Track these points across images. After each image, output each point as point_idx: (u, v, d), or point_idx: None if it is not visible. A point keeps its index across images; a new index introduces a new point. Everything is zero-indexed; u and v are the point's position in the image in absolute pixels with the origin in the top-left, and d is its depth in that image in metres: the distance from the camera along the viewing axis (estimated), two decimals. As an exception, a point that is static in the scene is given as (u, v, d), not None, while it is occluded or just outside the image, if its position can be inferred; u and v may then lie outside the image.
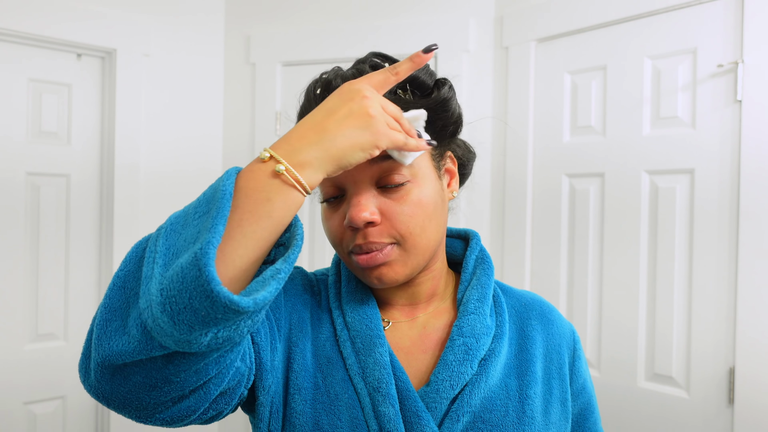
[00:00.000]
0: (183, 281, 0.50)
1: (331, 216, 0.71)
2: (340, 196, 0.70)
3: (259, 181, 0.56)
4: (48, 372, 1.93)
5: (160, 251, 0.54)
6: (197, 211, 0.56)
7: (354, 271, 0.72)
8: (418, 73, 0.72)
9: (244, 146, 2.20)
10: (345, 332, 0.73)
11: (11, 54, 1.85)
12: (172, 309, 0.50)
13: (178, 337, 0.51)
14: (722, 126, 1.49)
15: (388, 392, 0.68)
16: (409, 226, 0.68)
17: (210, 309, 0.50)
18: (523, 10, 1.87)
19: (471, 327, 0.73)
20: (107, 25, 1.96)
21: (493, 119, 1.95)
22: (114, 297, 0.56)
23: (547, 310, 0.83)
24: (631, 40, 1.66)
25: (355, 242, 0.68)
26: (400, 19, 2.02)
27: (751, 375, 1.42)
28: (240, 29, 2.21)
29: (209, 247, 0.50)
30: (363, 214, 0.66)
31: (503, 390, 0.73)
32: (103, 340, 0.54)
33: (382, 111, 0.60)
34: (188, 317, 0.50)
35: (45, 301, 1.93)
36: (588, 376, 0.85)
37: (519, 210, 1.89)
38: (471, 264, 0.80)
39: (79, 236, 1.99)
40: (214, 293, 0.49)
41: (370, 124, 0.59)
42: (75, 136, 1.98)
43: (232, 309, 0.50)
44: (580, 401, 0.82)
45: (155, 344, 0.52)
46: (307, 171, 0.57)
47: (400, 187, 0.69)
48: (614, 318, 1.68)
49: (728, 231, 1.48)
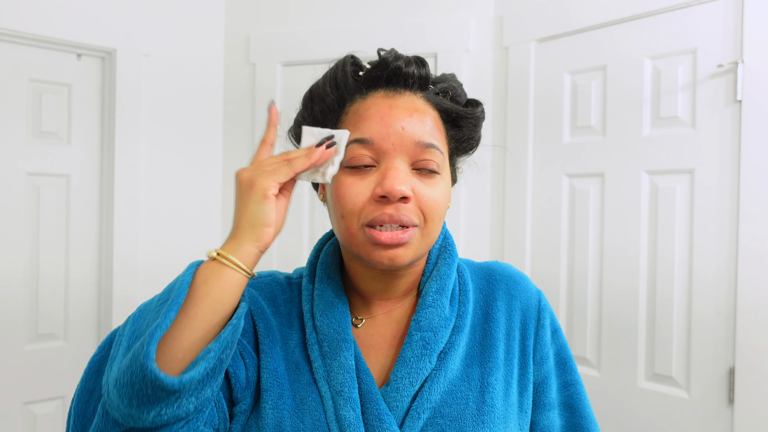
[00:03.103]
0: (132, 359, 0.56)
1: (355, 183, 0.69)
2: (370, 166, 0.69)
3: (201, 269, 0.63)
4: (48, 372, 1.93)
5: (126, 335, 0.61)
6: (160, 299, 0.62)
7: (356, 247, 0.70)
8: (459, 89, 0.78)
9: (245, 146, 2.20)
10: (313, 335, 0.74)
11: (11, 54, 1.85)
12: (120, 382, 0.56)
13: (123, 411, 0.57)
14: (722, 126, 1.49)
15: (349, 396, 0.68)
16: (433, 211, 0.70)
17: (141, 383, 0.55)
18: (523, 10, 1.87)
19: (429, 320, 0.73)
20: (107, 25, 1.96)
21: (493, 120, 1.95)
22: (89, 380, 0.63)
23: (513, 283, 0.82)
24: (631, 40, 1.66)
25: (385, 211, 0.67)
26: (400, 19, 2.02)
27: (751, 375, 1.42)
28: (240, 29, 2.21)
29: (157, 330, 0.57)
30: (402, 186, 0.66)
31: (464, 381, 0.73)
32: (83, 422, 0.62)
33: (252, 168, 0.65)
34: (128, 392, 0.56)
35: (45, 301, 1.93)
36: (561, 350, 0.82)
37: (519, 210, 1.89)
38: (434, 254, 0.80)
39: (79, 236, 1.99)
40: (145, 368, 0.55)
41: (250, 185, 0.64)
42: (75, 136, 1.98)
43: (159, 386, 0.55)
44: (543, 369, 0.80)
45: (110, 420, 0.58)
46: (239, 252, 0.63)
47: (433, 176, 0.70)
48: (614, 318, 1.68)
49: (728, 231, 1.48)
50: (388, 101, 0.71)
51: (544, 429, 0.79)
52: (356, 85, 0.73)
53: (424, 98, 0.74)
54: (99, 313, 2.03)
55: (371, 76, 0.73)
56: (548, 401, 0.80)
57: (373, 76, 0.73)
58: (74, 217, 1.98)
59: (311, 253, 0.82)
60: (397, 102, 0.71)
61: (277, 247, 2.13)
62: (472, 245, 1.96)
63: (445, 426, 0.69)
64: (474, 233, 1.97)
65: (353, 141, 0.69)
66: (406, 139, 0.68)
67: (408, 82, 0.73)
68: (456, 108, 0.75)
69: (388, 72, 0.72)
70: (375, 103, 0.71)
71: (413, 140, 0.69)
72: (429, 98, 0.74)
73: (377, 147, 0.69)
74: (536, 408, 0.79)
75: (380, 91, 0.72)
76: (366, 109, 0.71)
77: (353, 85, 0.73)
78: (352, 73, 0.74)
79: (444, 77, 0.77)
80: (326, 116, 0.75)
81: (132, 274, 2.03)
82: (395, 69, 0.72)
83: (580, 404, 0.81)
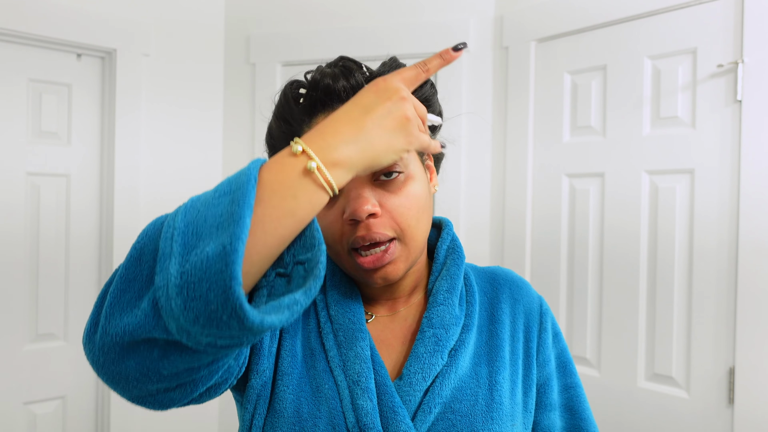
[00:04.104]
0: (206, 271, 0.48)
1: (326, 214, 0.70)
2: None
3: (287, 176, 0.53)
4: (48, 372, 1.93)
5: (178, 227, 0.52)
6: (218, 191, 0.53)
7: (351, 270, 0.72)
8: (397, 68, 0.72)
9: (245, 146, 2.20)
10: (328, 325, 0.74)
11: (11, 54, 1.85)
12: (188, 294, 0.49)
13: (182, 324, 0.49)
14: (722, 126, 1.49)
15: (367, 386, 0.69)
16: (407, 218, 0.69)
17: (221, 306, 0.48)
18: (523, 10, 1.87)
19: (440, 318, 0.74)
20: (107, 25, 1.96)
21: (493, 120, 1.95)
22: (130, 268, 0.54)
23: (516, 287, 0.84)
24: (631, 40, 1.66)
25: (357, 234, 0.68)
26: (400, 19, 2.02)
27: (751, 375, 1.42)
28: (240, 29, 2.21)
29: (238, 243, 0.48)
30: (366, 206, 0.66)
31: (474, 379, 0.74)
32: (115, 310, 0.53)
33: (415, 114, 0.59)
34: (199, 306, 0.48)
35: (45, 301, 1.93)
36: (562, 353, 0.84)
37: (519, 210, 1.89)
38: (442, 254, 0.81)
39: (79, 236, 1.99)
40: (231, 291, 0.47)
41: (407, 127, 0.58)
42: (75, 136, 1.98)
43: (238, 314, 0.48)
44: (545, 371, 0.82)
45: (161, 324, 0.51)
46: (338, 171, 0.55)
47: (395, 179, 0.69)
48: (614, 318, 1.68)
49: (728, 231, 1.48)
50: None
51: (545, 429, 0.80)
52: (300, 115, 0.72)
53: None
54: (99, 313, 2.03)
55: (310, 102, 0.72)
56: (550, 402, 0.81)
57: (312, 101, 0.71)
58: (74, 217, 1.98)
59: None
60: None
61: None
62: (472, 245, 1.96)
63: (456, 421, 0.70)
64: (474, 233, 1.97)
65: None
66: None
67: (341, 96, 0.70)
68: None
69: (319, 93, 0.70)
70: None
71: None
72: None
73: None
74: (538, 408, 0.81)
75: (320, 116, 0.71)
76: None
77: (298, 114, 0.72)
78: (294, 101, 0.73)
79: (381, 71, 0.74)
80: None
81: (132, 274, 2.03)
82: (325, 88, 0.70)
83: (580, 406, 0.83)
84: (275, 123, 0.75)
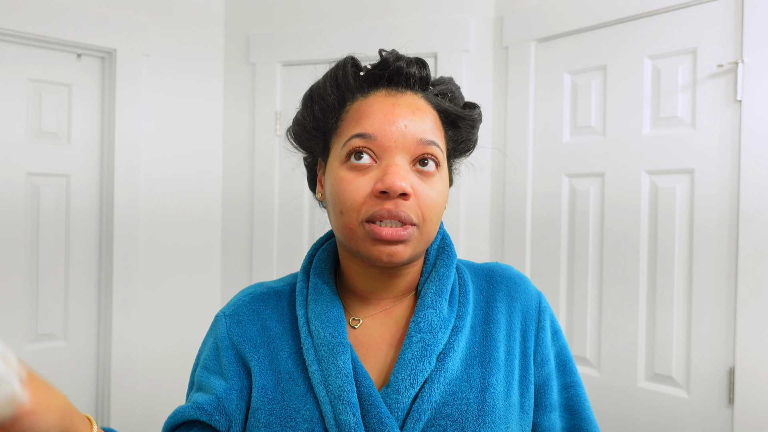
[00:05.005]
0: None
1: (355, 179, 0.70)
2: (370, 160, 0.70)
3: None
4: (48, 372, 1.93)
5: None
6: None
7: (356, 243, 0.70)
8: (457, 91, 0.79)
9: (244, 146, 2.20)
10: (309, 340, 0.74)
11: (11, 54, 1.86)
12: None
13: None
14: (722, 126, 1.49)
15: (348, 400, 0.68)
16: (431, 210, 0.71)
17: None
18: (523, 10, 1.87)
19: (428, 322, 0.73)
20: (107, 25, 1.96)
21: (493, 120, 1.95)
22: None
23: (513, 284, 0.82)
24: (631, 40, 1.66)
25: (384, 206, 0.68)
26: (400, 19, 2.02)
27: (751, 375, 1.42)
28: (240, 29, 2.21)
29: None
30: (402, 183, 0.67)
31: (465, 382, 0.73)
32: None
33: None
34: None
35: (45, 301, 1.93)
36: (561, 351, 0.82)
37: (519, 210, 1.89)
38: (432, 254, 0.80)
39: (79, 236, 1.99)
40: None
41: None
42: (75, 136, 1.98)
43: None
44: (544, 371, 0.80)
45: None
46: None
47: (434, 172, 0.71)
48: (614, 318, 1.68)
49: (728, 231, 1.48)
50: (390, 99, 0.72)
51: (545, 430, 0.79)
52: (357, 84, 0.75)
53: (425, 98, 0.75)
54: (99, 313, 2.04)
55: (373, 76, 0.74)
56: (549, 403, 0.80)
57: (375, 75, 0.74)
58: (74, 217, 1.98)
59: (305, 259, 0.82)
60: (400, 100, 0.72)
61: (277, 250, 2.13)
62: (472, 245, 1.96)
63: (446, 426, 0.70)
64: (474, 233, 1.97)
65: (355, 135, 0.70)
66: (408, 137, 0.70)
67: (409, 81, 0.74)
68: (455, 109, 0.77)
69: (389, 71, 0.73)
70: (377, 100, 0.72)
71: (415, 138, 0.70)
72: (429, 99, 0.76)
73: (379, 143, 0.69)
74: (537, 409, 0.79)
75: (382, 90, 0.74)
76: (368, 106, 0.72)
77: (354, 84, 0.75)
78: (353, 74, 0.75)
79: (443, 80, 0.79)
80: (326, 115, 0.75)
81: (132, 274, 2.03)
82: (397, 69, 0.73)
83: (581, 406, 0.81)
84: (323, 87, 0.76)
